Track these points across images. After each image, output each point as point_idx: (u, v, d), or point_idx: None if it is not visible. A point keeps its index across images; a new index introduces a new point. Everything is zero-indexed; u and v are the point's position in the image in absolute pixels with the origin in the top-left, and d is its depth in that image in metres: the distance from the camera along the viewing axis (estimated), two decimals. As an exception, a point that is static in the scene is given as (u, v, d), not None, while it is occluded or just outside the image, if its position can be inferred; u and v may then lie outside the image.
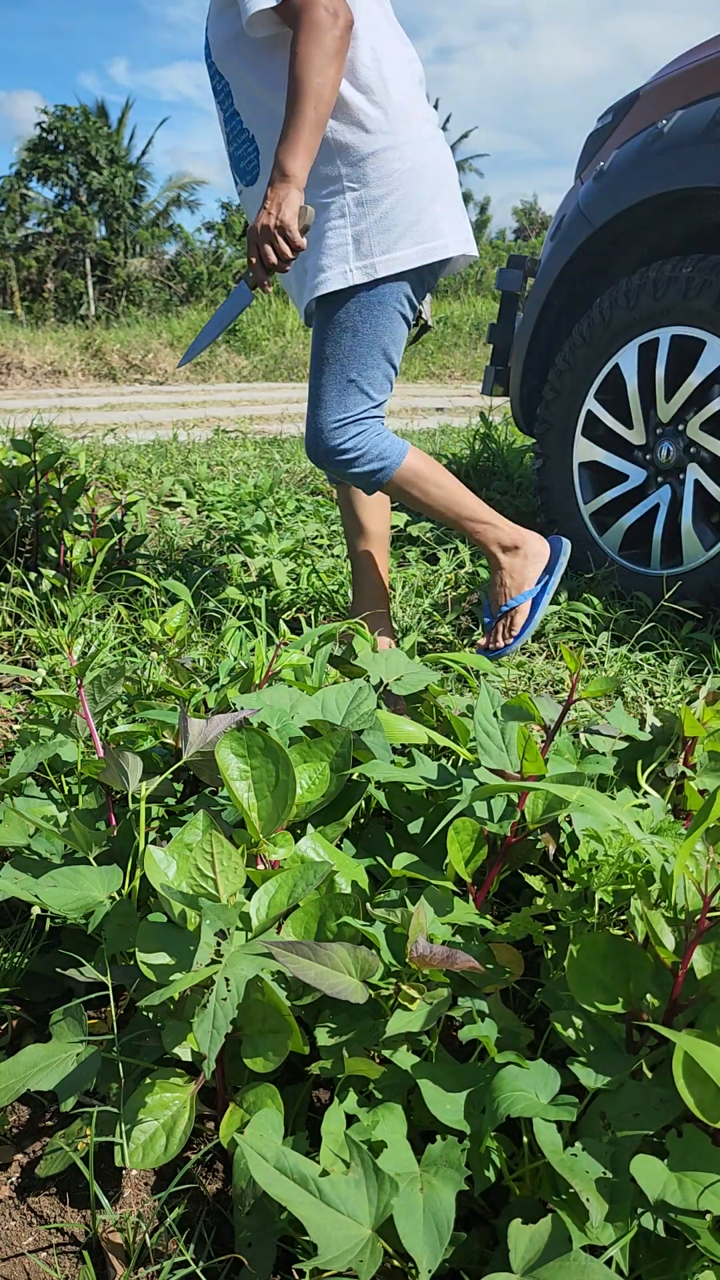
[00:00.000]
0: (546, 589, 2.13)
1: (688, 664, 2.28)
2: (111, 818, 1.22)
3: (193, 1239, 0.88)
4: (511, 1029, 0.95)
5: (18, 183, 24.69)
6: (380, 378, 1.94)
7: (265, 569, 2.76)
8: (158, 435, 5.55)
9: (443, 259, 1.91)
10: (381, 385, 1.96)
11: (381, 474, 1.98)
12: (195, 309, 15.74)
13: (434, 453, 4.61)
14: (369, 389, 1.93)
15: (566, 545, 2.16)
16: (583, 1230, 0.75)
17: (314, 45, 1.64)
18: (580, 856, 0.99)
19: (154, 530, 3.33)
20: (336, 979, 0.86)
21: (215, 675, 1.82)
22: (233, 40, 1.81)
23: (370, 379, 1.92)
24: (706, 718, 1.26)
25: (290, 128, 1.67)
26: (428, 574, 2.86)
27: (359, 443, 1.95)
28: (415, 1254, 0.73)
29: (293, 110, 1.66)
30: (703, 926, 0.86)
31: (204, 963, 0.86)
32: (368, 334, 1.89)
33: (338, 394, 1.91)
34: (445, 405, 8.27)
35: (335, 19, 1.64)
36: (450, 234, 1.91)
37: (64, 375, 10.76)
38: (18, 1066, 0.92)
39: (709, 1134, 0.82)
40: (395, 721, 1.29)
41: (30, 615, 2.29)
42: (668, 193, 2.53)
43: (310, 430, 1.96)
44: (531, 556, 2.13)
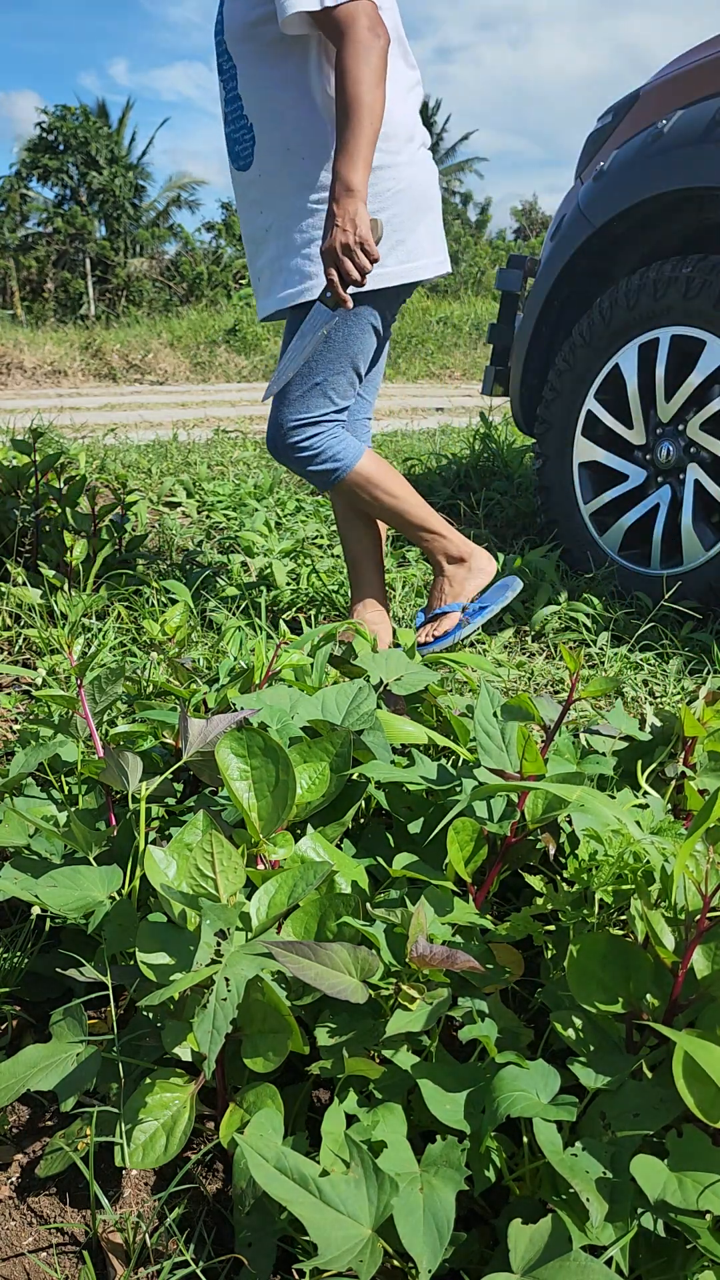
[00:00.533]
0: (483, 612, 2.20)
1: (688, 664, 2.28)
2: (111, 818, 1.22)
3: (193, 1239, 0.88)
4: (511, 1029, 0.95)
5: (18, 183, 24.69)
6: (345, 385, 2.00)
7: (265, 569, 2.76)
8: (158, 435, 5.55)
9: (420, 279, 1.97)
10: (345, 392, 2.02)
11: (335, 475, 2.04)
12: (195, 309, 15.74)
13: (434, 452, 4.62)
14: (333, 394, 1.99)
15: (518, 584, 2.26)
16: (583, 1230, 0.75)
17: (364, 63, 1.68)
18: (580, 856, 0.99)
19: (154, 530, 3.33)
20: (336, 979, 0.86)
21: (215, 675, 1.82)
22: (250, 26, 1.81)
23: (335, 385, 1.98)
24: (706, 718, 1.26)
25: (351, 142, 1.70)
26: (428, 574, 2.86)
27: (315, 443, 2.01)
28: (415, 1254, 0.73)
29: (352, 125, 1.69)
30: (703, 926, 0.86)
31: (204, 963, 0.86)
32: (339, 343, 1.94)
33: (302, 395, 1.97)
34: (445, 405, 8.27)
35: (377, 38, 1.69)
36: (430, 255, 1.98)
37: (64, 375, 10.76)
38: (18, 1066, 0.92)
39: (709, 1134, 0.82)
40: (395, 721, 1.29)
41: (30, 615, 2.29)
42: (668, 193, 2.53)
43: (271, 425, 2.02)
44: (475, 571, 2.21)
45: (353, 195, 1.71)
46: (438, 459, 4.41)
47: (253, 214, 1.97)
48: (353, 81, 1.68)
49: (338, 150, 1.71)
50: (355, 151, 1.70)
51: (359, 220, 1.71)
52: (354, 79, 1.68)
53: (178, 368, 11.40)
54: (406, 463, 4.44)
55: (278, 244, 1.93)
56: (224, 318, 13.22)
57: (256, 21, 1.80)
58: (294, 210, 1.88)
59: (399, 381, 10.92)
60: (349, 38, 1.68)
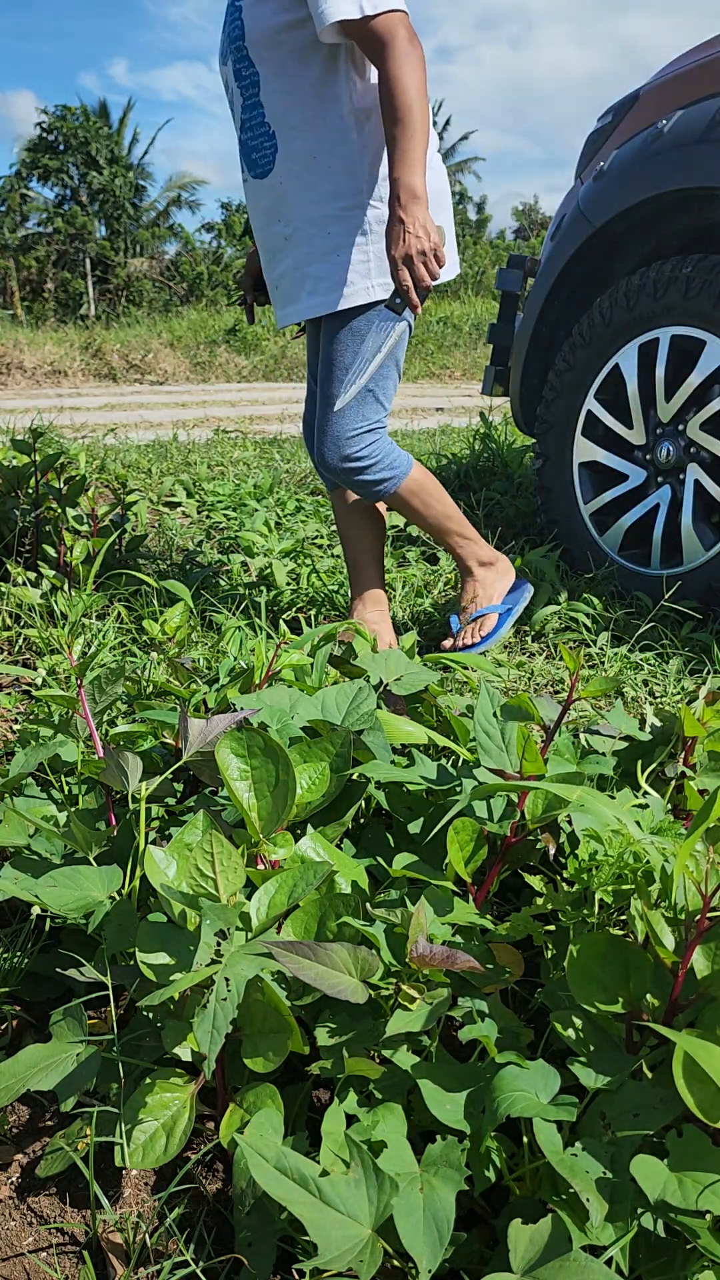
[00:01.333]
0: (511, 613, 2.27)
1: (688, 664, 2.28)
2: (111, 818, 1.22)
3: (193, 1239, 0.88)
4: (511, 1029, 0.95)
5: (18, 183, 24.70)
6: (391, 389, 2.01)
7: (265, 569, 2.76)
8: (158, 435, 5.55)
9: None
10: (391, 396, 2.03)
11: (390, 483, 2.04)
12: (195, 309, 15.74)
13: (434, 452, 4.61)
14: (383, 399, 2.00)
15: (529, 589, 2.34)
16: (583, 1230, 0.75)
17: (411, 71, 1.70)
18: (580, 856, 0.99)
19: (154, 530, 3.33)
20: (336, 979, 0.86)
21: (215, 675, 1.82)
22: (276, 32, 1.80)
23: (385, 390, 1.99)
24: (706, 718, 1.26)
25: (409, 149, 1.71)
26: (428, 574, 2.86)
27: (373, 451, 2.00)
28: (415, 1254, 0.73)
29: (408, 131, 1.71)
30: (703, 926, 0.86)
31: (204, 963, 0.86)
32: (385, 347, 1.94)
33: (356, 403, 1.96)
34: (445, 405, 8.27)
35: (417, 47, 1.72)
36: (450, 258, 1.99)
37: (64, 375, 10.76)
38: (18, 1066, 0.92)
39: (709, 1134, 0.82)
40: (395, 721, 1.29)
41: (30, 615, 2.29)
42: (668, 193, 2.53)
43: (326, 438, 1.99)
44: (502, 573, 2.30)
45: (419, 202, 1.72)
46: (438, 459, 4.41)
47: (270, 222, 1.95)
48: (402, 90, 1.70)
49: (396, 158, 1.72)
50: (415, 157, 1.71)
51: (430, 227, 1.73)
52: (403, 87, 1.70)
53: (178, 368, 11.40)
54: (406, 463, 4.43)
55: (301, 252, 1.92)
56: (224, 318, 13.22)
57: (283, 27, 1.79)
58: (320, 218, 1.87)
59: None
60: (393, 48, 1.70)
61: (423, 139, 1.72)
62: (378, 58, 1.72)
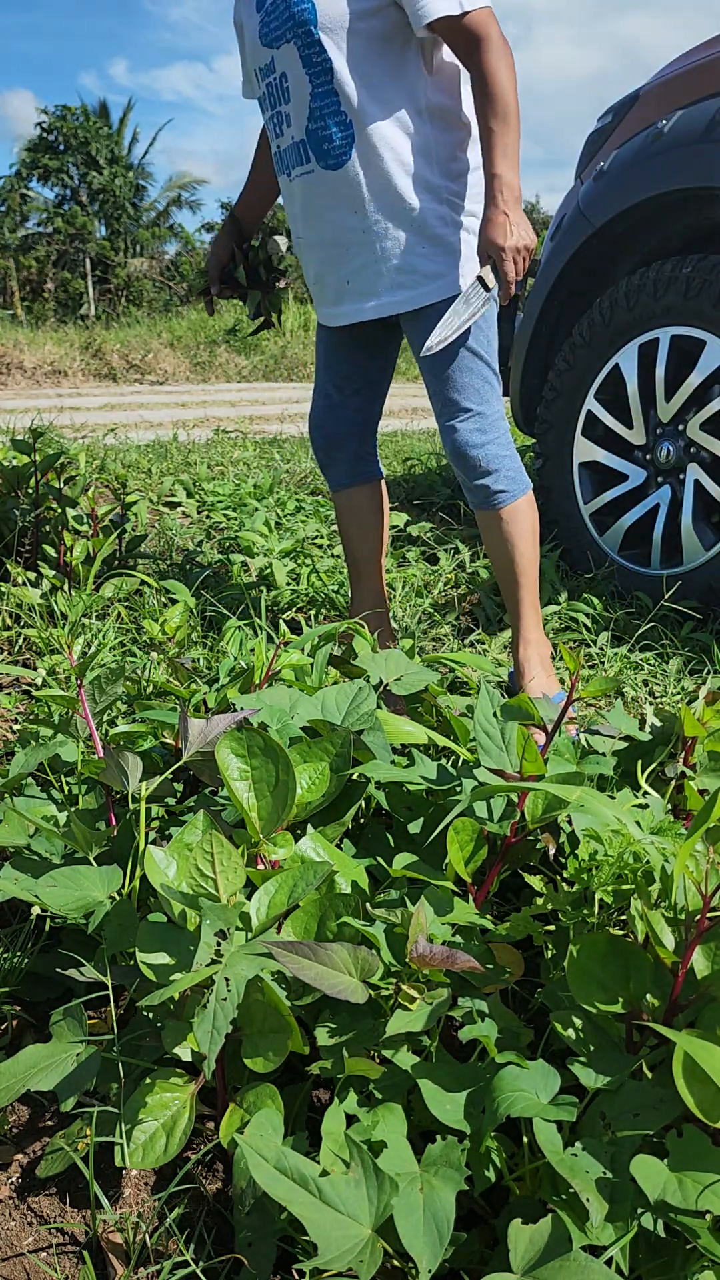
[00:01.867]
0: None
1: (688, 664, 2.28)
2: (111, 818, 1.22)
3: (193, 1239, 0.88)
4: (511, 1029, 0.95)
5: (18, 183, 24.69)
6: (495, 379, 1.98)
7: (265, 569, 2.76)
8: (158, 435, 5.55)
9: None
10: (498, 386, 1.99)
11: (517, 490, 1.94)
12: (195, 309, 15.73)
13: (433, 452, 4.61)
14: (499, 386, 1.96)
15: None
16: (583, 1230, 0.75)
17: (507, 67, 1.70)
18: (580, 856, 0.99)
19: (154, 530, 3.33)
20: (336, 979, 0.86)
21: (215, 675, 1.82)
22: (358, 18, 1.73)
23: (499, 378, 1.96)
24: (706, 718, 1.26)
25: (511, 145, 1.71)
26: (428, 574, 2.86)
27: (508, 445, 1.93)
28: (415, 1254, 0.73)
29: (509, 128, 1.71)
30: (703, 926, 0.86)
31: (204, 963, 0.86)
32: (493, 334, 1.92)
33: (492, 389, 1.91)
34: (445, 405, 8.25)
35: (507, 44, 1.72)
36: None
37: (64, 375, 10.76)
38: (18, 1066, 0.92)
39: (709, 1134, 0.82)
40: (395, 721, 1.29)
41: (30, 615, 2.29)
42: (668, 193, 2.53)
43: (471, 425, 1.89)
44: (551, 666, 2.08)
45: (519, 200, 1.72)
46: (438, 459, 4.41)
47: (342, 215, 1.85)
48: (502, 86, 1.69)
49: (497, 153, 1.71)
50: (514, 152, 1.72)
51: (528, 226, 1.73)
52: (503, 83, 1.69)
53: (178, 368, 11.40)
54: (406, 462, 4.44)
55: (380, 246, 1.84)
56: (224, 318, 13.22)
57: (362, 14, 1.72)
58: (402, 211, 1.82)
59: (399, 381, 10.91)
60: (489, 43, 1.69)
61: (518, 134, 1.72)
62: (471, 53, 1.70)
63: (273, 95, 1.86)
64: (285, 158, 1.89)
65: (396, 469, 4.41)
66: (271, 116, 1.89)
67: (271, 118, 1.89)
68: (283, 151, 1.89)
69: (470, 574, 2.87)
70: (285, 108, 1.84)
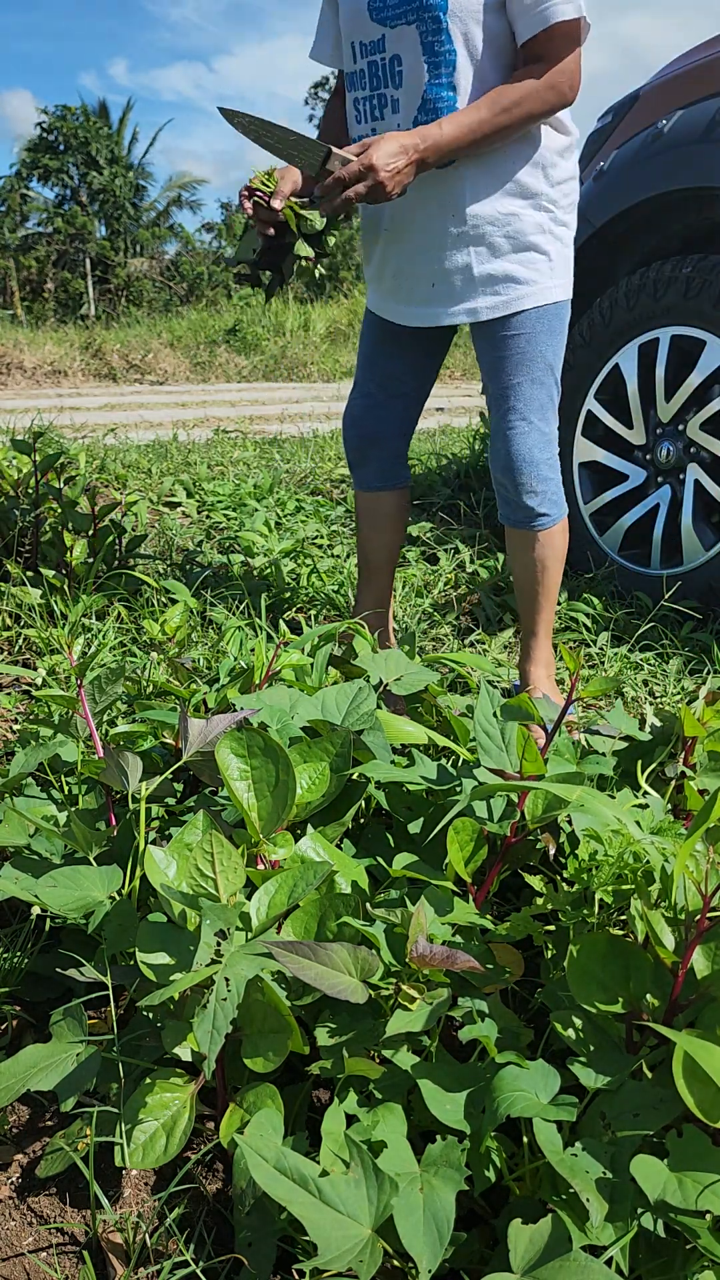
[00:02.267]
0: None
1: (688, 664, 2.28)
2: (111, 818, 1.22)
3: (193, 1239, 0.88)
4: (511, 1029, 0.95)
5: (18, 183, 24.70)
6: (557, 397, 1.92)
7: (265, 569, 2.76)
8: (158, 435, 5.55)
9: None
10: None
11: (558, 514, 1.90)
12: (195, 309, 15.74)
13: (434, 452, 4.62)
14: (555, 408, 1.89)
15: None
16: (583, 1230, 0.75)
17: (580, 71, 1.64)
18: (580, 856, 0.99)
19: (154, 530, 3.33)
20: (336, 979, 0.86)
21: (215, 675, 1.82)
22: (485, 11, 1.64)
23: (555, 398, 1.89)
24: (706, 718, 1.26)
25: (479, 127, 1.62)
26: (428, 574, 2.86)
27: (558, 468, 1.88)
28: (415, 1254, 0.73)
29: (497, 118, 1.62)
30: (703, 926, 0.86)
31: (204, 963, 0.86)
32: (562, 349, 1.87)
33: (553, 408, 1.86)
34: (445, 405, 8.27)
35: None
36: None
37: (64, 375, 10.76)
38: (18, 1066, 0.92)
39: (709, 1134, 0.82)
40: (395, 721, 1.29)
41: (30, 615, 2.29)
42: (668, 193, 2.53)
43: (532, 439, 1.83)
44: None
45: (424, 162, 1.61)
46: (438, 459, 4.41)
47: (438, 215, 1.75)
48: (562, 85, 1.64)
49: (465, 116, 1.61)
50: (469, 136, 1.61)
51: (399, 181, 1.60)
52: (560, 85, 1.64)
53: (178, 368, 11.40)
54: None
55: (476, 250, 1.75)
56: (224, 318, 13.22)
57: (491, 7, 1.63)
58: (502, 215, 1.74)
59: (399, 381, 10.91)
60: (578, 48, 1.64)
61: (492, 133, 1.63)
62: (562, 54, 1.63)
63: (376, 76, 1.72)
64: None
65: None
66: (370, 98, 1.74)
67: (369, 99, 1.75)
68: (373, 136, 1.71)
69: (470, 574, 2.87)
70: (393, 92, 1.71)
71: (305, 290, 17.80)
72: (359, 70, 1.76)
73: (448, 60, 1.66)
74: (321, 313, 13.50)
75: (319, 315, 13.28)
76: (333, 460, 4.64)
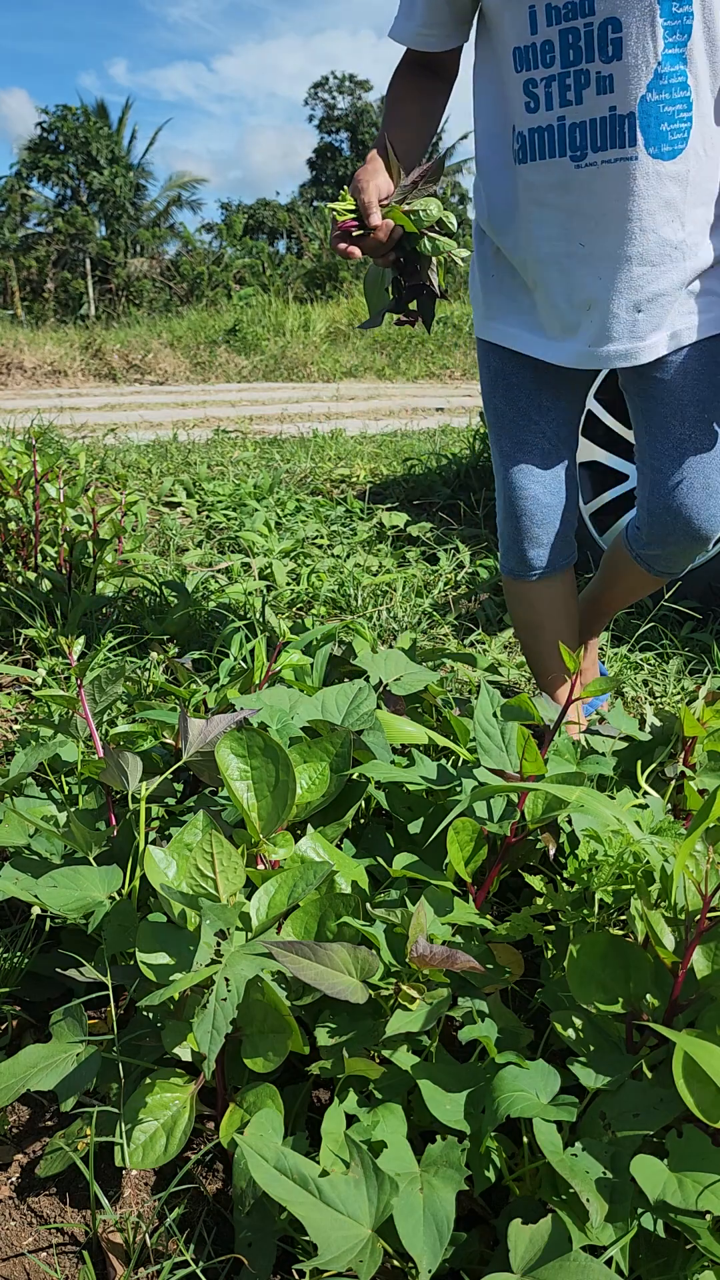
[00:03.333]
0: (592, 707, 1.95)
1: (688, 664, 2.28)
2: (111, 818, 1.22)
3: (193, 1239, 0.88)
4: (511, 1029, 0.95)
5: (18, 183, 24.72)
6: None
7: (265, 569, 2.76)
8: (158, 435, 5.55)
9: None
10: None
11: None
12: (195, 309, 15.74)
13: (434, 452, 4.62)
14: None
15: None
16: (583, 1230, 0.75)
17: None
18: (580, 856, 0.99)
19: (154, 530, 3.33)
20: (336, 979, 0.86)
21: (215, 675, 1.82)
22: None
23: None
24: (706, 718, 1.26)
25: None
26: (428, 574, 2.86)
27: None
28: (415, 1254, 0.73)
29: None
30: (703, 926, 0.86)
31: (204, 963, 0.86)
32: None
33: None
34: (445, 405, 8.27)
35: None
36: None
37: (64, 375, 10.76)
38: (18, 1066, 0.92)
39: (709, 1134, 0.82)
40: (395, 721, 1.29)
41: (30, 615, 2.29)
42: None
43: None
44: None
45: None
46: (438, 459, 4.41)
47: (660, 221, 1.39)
48: None
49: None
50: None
51: None
52: None
53: (178, 368, 11.40)
54: (406, 463, 4.44)
55: (688, 265, 1.42)
56: (224, 318, 13.22)
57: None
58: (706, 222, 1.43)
59: (399, 381, 10.92)
60: None
61: None
62: None
63: (576, 47, 1.34)
64: (570, 134, 1.38)
65: (397, 469, 4.41)
66: (560, 77, 1.36)
67: (559, 78, 1.36)
68: (566, 126, 1.37)
69: (470, 574, 2.87)
70: (601, 67, 1.33)
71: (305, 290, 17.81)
72: (542, 43, 1.36)
73: (683, 27, 1.32)
74: (321, 313, 13.50)
75: (319, 315, 13.27)
76: (332, 460, 4.64)
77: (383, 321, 1.53)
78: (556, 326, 1.50)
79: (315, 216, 24.61)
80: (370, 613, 2.49)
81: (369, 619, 2.45)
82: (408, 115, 1.53)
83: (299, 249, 23.75)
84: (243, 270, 20.38)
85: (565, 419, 1.60)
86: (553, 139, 1.40)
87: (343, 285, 17.33)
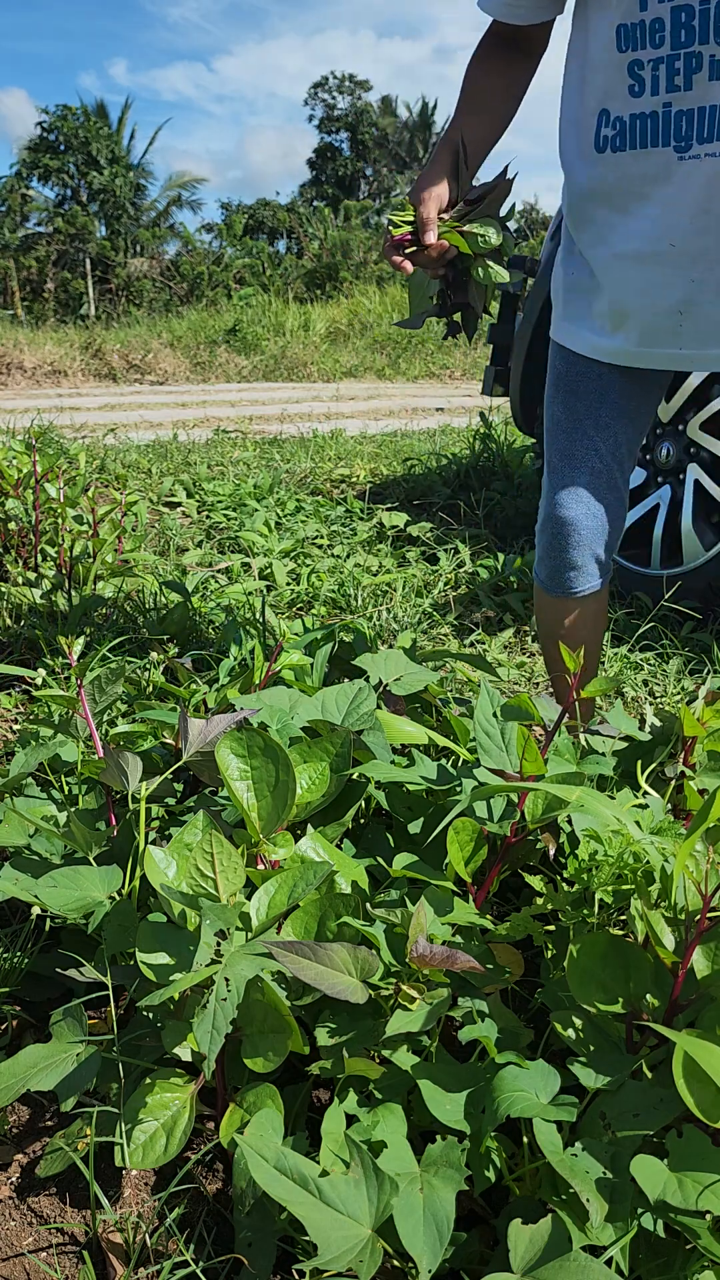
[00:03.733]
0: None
1: (688, 664, 2.28)
2: (111, 818, 1.22)
3: (193, 1239, 0.88)
4: (511, 1029, 0.95)
5: (18, 183, 24.72)
6: None
7: (265, 569, 2.76)
8: (158, 435, 5.55)
9: None
10: None
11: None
12: (195, 309, 15.73)
13: (434, 452, 4.62)
14: None
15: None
16: (583, 1230, 0.75)
17: None
18: (580, 856, 0.99)
19: (154, 530, 3.33)
20: (336, 979, 0.86)
21: (215, 675, 1.82)
22: None
23: None
24: (706, 718, 1.25)
25: None
26: (428, 574, 2.86)
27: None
28: (415, 1254, 0.73)
29: None
30: (703, 926, 0.86)
31: (204, 963, 0.86)
32: None
33: None
34: (445, 405, 8.26)
35: None
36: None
37: (64, 375, 10.75)
38: (18, 1066, 0.92)
39: (709, 1134, 0.82)
40: (395, 721, 1.29)
41: (30, 615, 2.29)
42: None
43: None
44: None
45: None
46: (438, 459, 4.41)
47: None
48: None
49: None
50: None
51: None
52: None
53: (178, 368, 11.40)
54: (406, 463, 4.44)
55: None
56: (224, 318, 13.22)
57: None
58: None
59: (399, 381, 10.92)
60: None
61: None
62: None
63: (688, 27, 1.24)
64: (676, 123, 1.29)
65: (397, 469, 4.41)
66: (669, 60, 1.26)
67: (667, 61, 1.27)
68: (671, 113, 1.28)
69: (470, 574, 2.87)
70: (716, 50, 1.23)
71: (305, 290, 17.80)
72: (652, 20, 1.26)
73: None
74: (321, 313, 13.49)
75: (319, 315, 13.27)
76: (332, 460, 4.64)
77: (422, 325, 1.48)
78: (635, 331, 1.41)
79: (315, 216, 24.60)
80: (370, 613, 2.49)
81: (369, 619, 2.45)
82: (484, 98, 1.45)
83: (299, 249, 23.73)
84: (243, 270, 20.37)
85: (625, 439, 1.50)
86: (655, 127, 1.30)
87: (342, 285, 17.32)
